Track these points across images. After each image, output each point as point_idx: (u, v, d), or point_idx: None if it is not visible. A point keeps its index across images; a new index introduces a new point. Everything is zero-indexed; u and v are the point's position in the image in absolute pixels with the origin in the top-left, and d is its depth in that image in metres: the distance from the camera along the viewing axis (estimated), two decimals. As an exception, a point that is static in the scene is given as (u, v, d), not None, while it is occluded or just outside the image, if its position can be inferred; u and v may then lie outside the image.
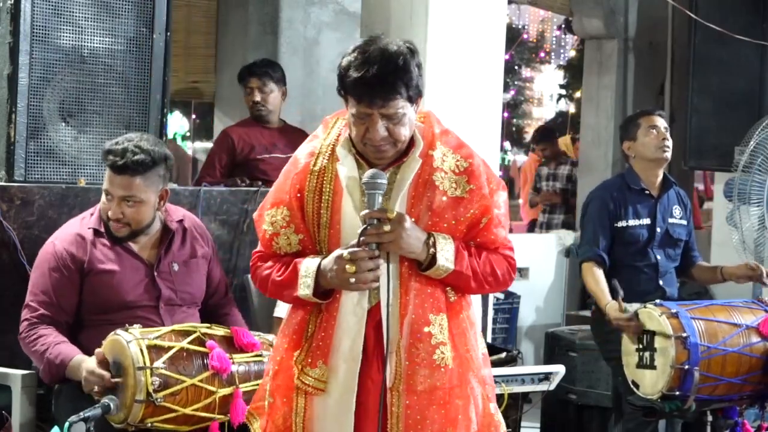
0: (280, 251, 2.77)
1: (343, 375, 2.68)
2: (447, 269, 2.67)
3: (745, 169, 5.03)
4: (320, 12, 6.83)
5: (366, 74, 2.58)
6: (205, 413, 3.20)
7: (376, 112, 2.61)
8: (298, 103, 6.56)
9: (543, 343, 6.18)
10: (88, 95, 4.22)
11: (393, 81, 2.60)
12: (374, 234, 2.59)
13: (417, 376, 2.67)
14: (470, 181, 2.72)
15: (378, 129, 2.62)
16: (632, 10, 8.36)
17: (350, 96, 2.64)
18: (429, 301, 2.69)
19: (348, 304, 2.69)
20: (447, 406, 2.69)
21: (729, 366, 4.02)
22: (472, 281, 2.72)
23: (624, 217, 4.70)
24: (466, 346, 2.75)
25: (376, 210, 2.59)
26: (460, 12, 5.33)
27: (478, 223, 2.73)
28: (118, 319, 3.45)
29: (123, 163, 3.50)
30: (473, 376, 2.76)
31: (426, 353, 2.67)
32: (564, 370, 4.31)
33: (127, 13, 4.28)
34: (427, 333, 2.67)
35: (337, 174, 2.72)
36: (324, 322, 2.71)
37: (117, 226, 3.58)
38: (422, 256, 2.66)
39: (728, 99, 6.53)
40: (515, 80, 16.15)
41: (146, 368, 3.12)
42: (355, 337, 2.68)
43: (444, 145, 2.75)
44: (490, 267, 2.75)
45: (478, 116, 5.40)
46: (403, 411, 2.66)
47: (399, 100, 2.61)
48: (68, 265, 3.56)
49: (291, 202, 2.74)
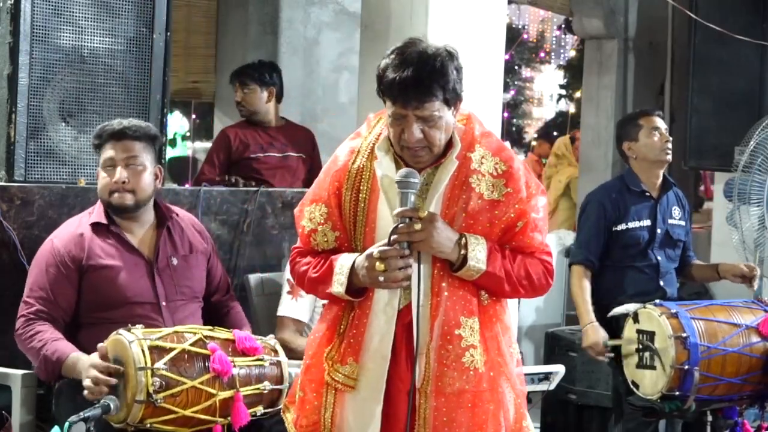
0: (317, 247, 2.78)
1: (371, 374, 2.68)
2: (479, 270, 2.65)
3: (745, 169, 5.03)
4: (320, 12, 6.84)
5: (402, 75, 2.59)
6: (204, 416, 3.19)
7: (411, 113, 2.62)
8: (299, 103, 6.56)
9: (543, 343, 6.17)
10: (88, 95, 4.23)
11: (429, 83, 2.61)
12: (405, 233, 2.59)
13: (445, 378, 2.66)
14: (508, 184, 2.71)
15: (413, 131, 2.62)
16: (632, 10, 8.35)
17: (387, 97, 2.65)
18: (461, 303, 2.68)
19: (380, 304, 2.69)
20: (475, 410, 2.68)
21: (729, 366, 4.02)
22: (505, 284, 2.70)
23: (624, 220, 4.70)
24: (498, 350, 2.73)
25: (408, 209, 2.59)
26: (460, 12, 5.32)
27: (513, 227, 2.71)
28: (119, 317, 3.46)
29: (121, 129, 3.60)
30: (505, 381, 2.74)
31: (455, 356, 2.66)
32: (564, 370, 4.31)
33: (127, 13, 4.28)
34: (457, 335, 2.66)
35: (374, 173, 2.72)
36: (356, 320, 2.71)
37: (121, 194, 3.59)
38: (453, 256, 2.65)
39: (728, 99, 6.53)
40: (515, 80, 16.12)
41: (147, 369, 3.12)
42: (385, 336, 2.68)
43: (484, 148, 2.74)
44: (524, 270, 2.73)
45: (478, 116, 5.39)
46: (431, 413, 2.65)
47: (435, 102, 2.62)
48: (66, 262, 3.57)
49: (329, 199, 2.75)
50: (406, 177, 2.61)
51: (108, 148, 3.61)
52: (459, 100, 2.71)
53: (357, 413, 2.70)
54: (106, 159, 3.61)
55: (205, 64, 7.59)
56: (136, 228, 3.68)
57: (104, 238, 3.63)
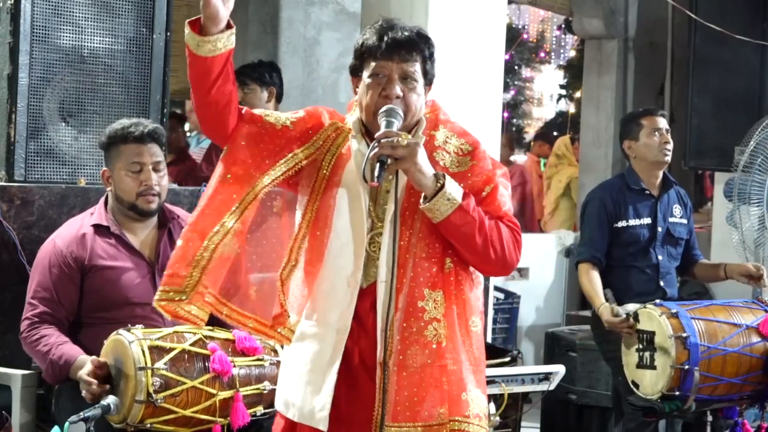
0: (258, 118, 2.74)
1: (328, 346, 2.67)
2: (453, 202, 2.60)
3: (745, 169, 5.04)
4: (320, 12, 6.83)
5: (390, 34, 2.66)
6: (204, 416, 3.20)
7: (394, 67, 2.65)
8: (298, 103, 6.56)
9: (543, 343, 6.18)
10: (88, 95, 4.22)
11: (414, 42, 2.68)
12: (388, 146, 2.55)
13: (408, 352, 2.63)
14: (473, 159, 2.73)
15: (395, 85, 2.65)
16: (632, 10, 8.36)
17: (369, 58, 2.68)
18: (426, 275, 2.65)
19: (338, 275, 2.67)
20: (439, 384, 2.64)
21: (729, 366, 4.03)
22: (477, 233, 2.64)
23: (624, 217, 4.71)
24: (460, 324, 2.69)
25: (391, 130, 2.59)
26: (460, 12, 5.33)
27: (480, 192, 2.70)
28: (119, 317, 3.46)
29: (145, 132, 3.62)
30: (466, 355, 2.69)
31: (418, 329, 2.63)
32: (564, 370, 4.32)
33: (127, 13, 4.27)
34: (420, 308, 2.64)
35: (347, 139, 2.73)
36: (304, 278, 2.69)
37: (151, 198, 3.62)
38: (430, 183, 2.60)
39: (728, 99, 6.54)
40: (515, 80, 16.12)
41: (147, 369, 3.12)
42: (344, 310, 2.66)
43: (448, 129, 2.77)
44: (497, 230, 2.68)
45: (478, 116, 5.40)
46: (392, 388, 2.61)
47: (417, 64, 2.68)
48: (68, 262, 3.57)
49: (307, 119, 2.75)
50: (390, 108, 2.63)
51: (132, 149, 3.61)
52: (431, 81, 2.75)
53: (302, 382, 2.69)
54: (133, 162, 3.60)
55: (205, 64, 7.57)
56: (139, 230, 3.69)
57: (106, 239, 3.63)
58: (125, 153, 3.62)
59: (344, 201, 2.69)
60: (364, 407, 2.65)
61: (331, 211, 2.69)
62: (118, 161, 3.63)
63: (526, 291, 7.30)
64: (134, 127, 3.62)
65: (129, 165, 3.61)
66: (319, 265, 2.68)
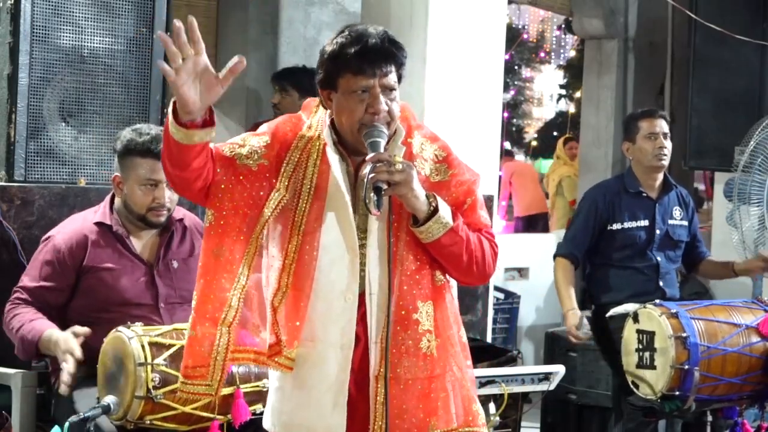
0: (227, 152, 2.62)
1: (332, 364, 2.62)
2: (446, 224, 2.61)
3: (745, 169, 5.03)
4: (320, 12, 6.83)
5: (366, 44, 2.58)
6: (204, 412, 3.20)
7: (377, 82, 2.59)
8: (298, 103, 6.56)
9: (543, 343, 6.18)
10: (88, 95, 4.22)
11: (391, 49, 2.61)
12: (385, 171, 2.52)
13: (403, 364, 2.62)
14: (450, 168, 2.71)
15: (382, 100, 2.59)
16: (632, 10, 8.36)
17: (348, 73, 2.59)
18: (417, 287, 2.65)
19: (333, 290, 2.62)
20: (430, 396, 2.65)
21: (729, 366, 4.02)
22: (464, 250, 2.65)
23: (618, 220, 4.72)
24: (448, 334, 2.70)
25: (383, 153, 2.54)
26: (460, 12, 5.33)
27: (462, 204, 2.70)
28: (117, 318, 3.45)
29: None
30: (455, 364, 2.70)
31: (413, 341, 2.63)
32: (564, 370, 4.32)
33: (127, 13, 4.27)
34: (414, 320, 2.63)
35: (325, 151, 2.65)
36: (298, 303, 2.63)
37: (161, 213, 3.62)
38: (425, 206, 2.59)
39: (728, 99, 6.53)
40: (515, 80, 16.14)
41: (147, 365, 3.13)
42: (345, 325, 2.62)
43: (421, 135, 2.74)
44: (480, 245, 2.69)
45: (478, 116, 5.40)
46: (387, 400, 2.60)
47: (394, 73, 2.62)
48: (65, 261, 3.57)
49: (275, 139, 2.67)
50: (374, 128, 2.57)
51: (149, 165, 3.56)
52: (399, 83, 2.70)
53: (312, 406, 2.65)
54: (149, 178, 3.58)
55: (205, 64, 7.58)
56: (142, 233, 3.69)
57: (107, 239, 3.63)
58: (142, 167, 3.58)
59: (331, 216, 2.64)
60: (359, 421, 2.64)
61: (319, 228, 2.64)
62: (132, 173, 3.60)
63: (526, 291, 7.31)
64: (154, 143, 3.55)
65: (144, 180, 3.59)
66: (309, 284, 2.64)
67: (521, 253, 7.56)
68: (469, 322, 5.26)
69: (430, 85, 5.18)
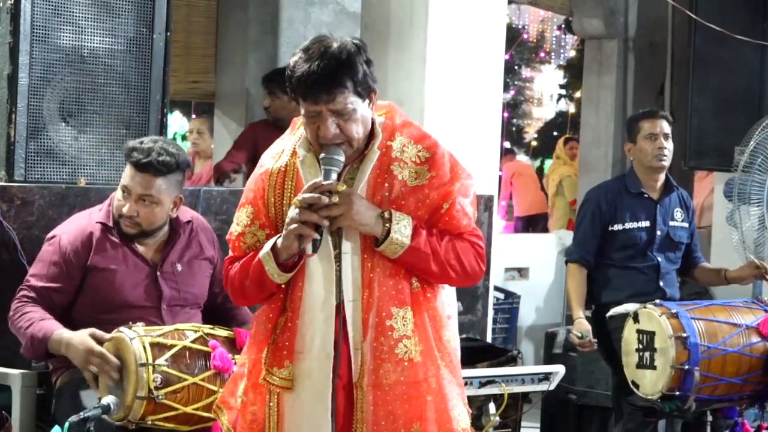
0: (248, 250, 2.74)
1: (317, 374, 2.65)
2: (402, 244, 2.62)
3: (745, 169, 5.03)
4: (320, 12, 6.82)
5: (309, 70, 2.56)
6: (205, 413, 3.20)
7: (324, 108, 2.59)
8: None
9: (543, 343, 6.18)
10: (88, 95, 4.22)
11: (337, 75, 2.58)
12: (324, 210, 2.55)
13: (381, 371, 2.64)
14: (431, 169, 2.69)
15: (328, 126, 2.60)
16: (632, 10, 8.36)
17: (298, 95, 2.62)
18: (392, 293, 2.65)
19: (315, 303, 2.66)
20: (412, 401, 2.65)
21: (729, 366, 4.03)
22: (432, 262, 2.66)
23: (620, 220, 4.72)
24: (434, 339, 2.70)
25: (324, 183, 2.57)
26: (460, 12, 5.33)
27: (439, 208, 2.68)
28: (119, 319, 3.45)
29: (147, 161, 3.53)
30: (444, 368, 2.71)
31: (389, 347, 2.64)
32: (564, 370, 4.32)
33: (127, 13, 4.27)
34: (389, 326, 2.64)
35: (298, 171, 2.70)
36: (289, 322, 2.69)
37: (129, 223, 3.58)
38: (377, 230, 2.61)
39: (728, 99, 6.53)
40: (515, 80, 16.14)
41: (148, 365, 3.13)
42: (326, 335, 2.64)
43: (404, 137, 2.72)
44: (453, 251, 2.69)
45: (478, 116, 5.40)
46: (368, 407, 2.63)
47: (346, 95, 2.59)
48: (70, 259, 3.57)
49: (255, 200, 2.74)
50: (330, 154, 2.60)
51: (129, 173, 3.57)
52: (373, 92, 2.68)
53: (305, 416, 2.67)
54: (124, 185, 3.58)
55: (205, 64, 7.59)
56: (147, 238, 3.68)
57: (111, 240, 3.62)
58: (126, 173, 3.59)
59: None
60: (344, 427, 2.66)
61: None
62: (122, 177, 3.62)
63: (526, 291, 7.31)
64: (142, 152, 3.54)
65: (122, 186, 3.60)
66: (299, 296, 2.68)
67: (521, 253, 7.56)
68: (469, 322, 5.26)
69: (430, 85, 5.18)
